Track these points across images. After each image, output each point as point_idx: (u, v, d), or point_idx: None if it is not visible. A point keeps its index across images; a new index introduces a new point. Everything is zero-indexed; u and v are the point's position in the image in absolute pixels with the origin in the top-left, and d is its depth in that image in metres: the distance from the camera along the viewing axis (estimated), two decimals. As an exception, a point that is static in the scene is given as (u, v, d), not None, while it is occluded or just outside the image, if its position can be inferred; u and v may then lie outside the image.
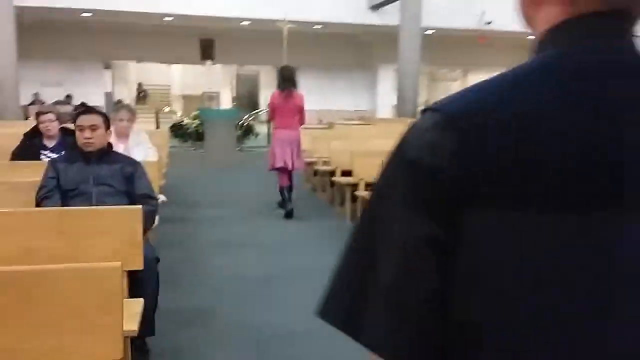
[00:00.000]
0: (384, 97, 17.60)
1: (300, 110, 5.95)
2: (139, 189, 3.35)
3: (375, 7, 13.54)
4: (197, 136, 12.61)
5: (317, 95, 17.67)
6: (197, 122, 12.81)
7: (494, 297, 0.51)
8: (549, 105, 0.52)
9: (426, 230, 0.52)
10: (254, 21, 14.49)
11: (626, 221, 0.50)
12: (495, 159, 0.51)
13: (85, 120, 3.34)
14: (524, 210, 0.50)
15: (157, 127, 12.62)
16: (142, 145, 5.18)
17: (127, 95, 24.20)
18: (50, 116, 4.81)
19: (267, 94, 24.28)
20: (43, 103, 15.88)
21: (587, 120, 0.52)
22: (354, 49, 17.76)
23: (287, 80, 5.85)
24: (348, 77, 17.94)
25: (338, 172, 6.20)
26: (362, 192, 5.47)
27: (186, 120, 13.93)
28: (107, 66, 22.39)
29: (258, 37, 16.42)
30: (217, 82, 23.32)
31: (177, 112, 19.48)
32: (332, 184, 6.54)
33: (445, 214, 0.51)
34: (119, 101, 12.90)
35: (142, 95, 25.22)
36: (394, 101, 19.11)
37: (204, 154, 11.49)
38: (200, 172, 10.21)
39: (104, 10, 13.07)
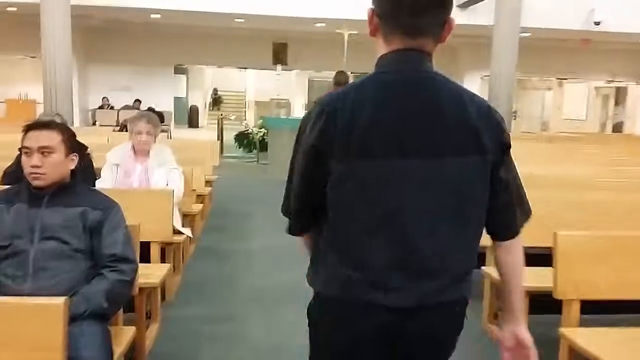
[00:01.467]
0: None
1: None
2: (107, 247, 2.20)
3: (464, 5, 12.01)
4: (263, 146, 11.63)
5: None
6: (263, 130, 11.86)
7: (342, 203, 1.31)
8: (374, 100, 1.29)
9: (312, 167, 1.32)
10: (329, 22, 13.33)
11: (409, 165, 1.28)
12: (338, 129, 1.28)
13: (33, 139, 2.23)
14: (355, 159, 1.27)
15: (219, 138, 11.73)
16: (166, 166, 4.08)
17: (201, 100, 23.87)
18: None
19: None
20: (112, 108, 15.50)
21: (391, 109, 1.29)
22: (437, 54, 16.19)
23: (338, 86, 5.38)
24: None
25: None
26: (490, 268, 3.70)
27: (253, 129, 13.01)
28: (182, 71, 22.20)
29: (333, 40, 15.28)
30: (289, 88, 22.52)
31: (245, 119, 18.67)
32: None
33: (321, 161, 1.29)
34: (150, 109, 12.05)
35: (216, 100, 24.80)
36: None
37: (266, 166, 10.47)
38: (257, 185, 9.17)
39: (171, 11, 12.33)
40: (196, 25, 14.96)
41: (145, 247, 3.38)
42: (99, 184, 3.88)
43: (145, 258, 3.40)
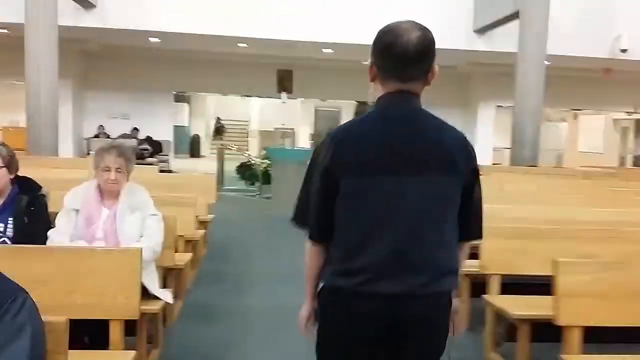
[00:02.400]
0: (484, 138, 15.12)
1: None
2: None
3: (482, 31, 11.29)
4: (266, 178, 10.78)
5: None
6: (267, 162, 11.03)
7: (349, 212, 1.69)
8: (373, 131, 1.71)
9: (325, 185, 1.69)
10: (337, 48, 12.62)
11: (401, 181, 1.67)
12: (342, 154, 1.68)
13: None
14: (355, 176, 1.67)
15: (219, 169, 10.90)
16: (141, 211, 3.21)
17: (204, 129, 23.17)
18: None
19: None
20: (108, 136, 14.72)
21: (388, 138, 1.69)
22: (449, 83, 15.48)
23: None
24: (442, 116, 15.50)
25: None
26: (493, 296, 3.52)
27: (256, 160, 12.19)
28: (185, 99, 21.57)
29: (341, 68, 14.60)
30: (294, 117, 21.80)
31: (247, 149, 17.85)
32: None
33: (333, 180, 1.68)
34: (148, 138, 11.06)
35: (219, 129, 24.09)
36: (495, 143, 16.62)
37: (269, 201, 9.61)
38: (259, 224, 8.28)
39: (170, 34, 11.63)
40: (197, 50, 14.28)
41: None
42: (52, 235, 3.01)
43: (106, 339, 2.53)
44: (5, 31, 11.62)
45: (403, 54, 1.68)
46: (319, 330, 1.82)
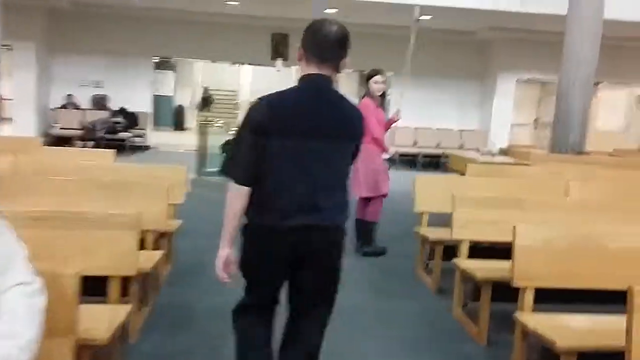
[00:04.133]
0: (502, 114, 13.50)
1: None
2: None
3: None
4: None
5: (412, 108, 13.81)
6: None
7: (272, 163, 2.13)
8: (296, 101, 2.20)
9: (255, 140, 2.12)
10: (343, 6, 10.87)
11: (315, 143, 2.17)
12: (275, 117, 2.13)
13: None
14: (280, 135, 2.12)
15: (201, 148, 9.22)
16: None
17: (190, 99, 21.37)
18: None
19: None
20: (77, 107, 12.99)
21: (304, 107, 2.18)
22: (466, 52, 13.78)
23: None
24: (455, 88, 13.95)
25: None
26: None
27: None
28: (170, 67, 19.73)
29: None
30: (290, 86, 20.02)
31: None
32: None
33: (261, 137, 2.10)
34: (122, 110, 9.32)
35: (206, 100, 22.26)
36: (515, 120, 14.98)
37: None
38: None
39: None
40: (181, 10, 12.47)
41: None
42: None
43: None
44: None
45: (324, 39, 2.19)
46: (243, 257, 2.27)
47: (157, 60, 15.11)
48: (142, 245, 3.51)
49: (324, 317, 2.36)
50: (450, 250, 4.26)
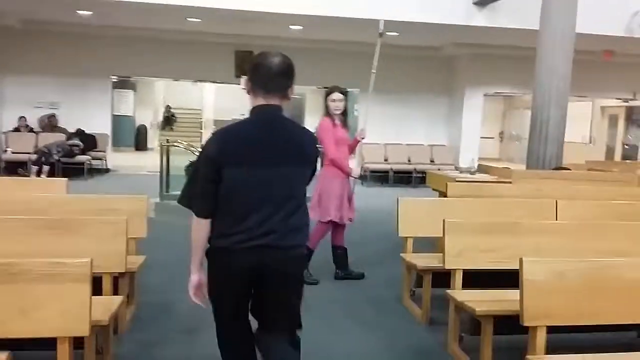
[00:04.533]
0: (471, 129, 13.40)
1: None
2: None
3: (483, 3, 9.45)
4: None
5: (381, 125, 13.58)
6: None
7: (230, 193, 2.29)
8: (248, 132, 2.35)
9: (212, 172, 2.28)
10: (307, 24, 10.60)
11: (269, 171, 2.31)
12: (228, 149, 2.28)
13: None
14: (237, 166, 2.27)
15: (163, 170, 8.72)
16: None
17: (152, 119, 20.76)
18: None
19: (313, 121, 20.32)
20: (31, 130, 12.32)
21: (260, 136, 2.32)
22: (432, 68, 13.67)
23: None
24: (423, 103, 13.79)
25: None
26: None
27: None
28: (130, 86, 19.13)
29: (308, 50, 12.59)
30: (255, 106, 19.61)
31: (201, 142, 15.58)
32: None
33: (219, 168, 2.26)
34: (79, 131, 8.76)
35: (168, 119, 21.68)
36: (483, 133, 14.88)
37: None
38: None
39: (102, 3, 9.36)
40: (139, 27, 12.00)
41: None
42: None
43: None
44: None
45: (268, 71, 2.32)
46: (209, 279, 2.43)
47: (116, 80, 14.55)
48: (99, 290, 3.08)
49: (290, 332, 2.49)
50: (439, 276, 3.97)
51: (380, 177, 12.97)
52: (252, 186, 2.27)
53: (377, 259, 6.10)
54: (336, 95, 5.02)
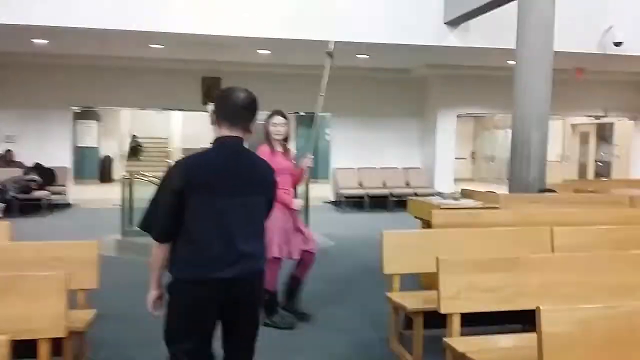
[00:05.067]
0: (445, 151, 13.16)
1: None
2: None
3: (455, 23, 9.24)
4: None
5: (354, 149, 13.27)
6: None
7: (193, 221, 2.32)
8: (212, 162, 2.41)
9: (174, 200, 2.31)
10: (275, 48, 10.26)
11: (230, 200, 2.38)
12: (193, 178, 2.32)
13: None
14: (202, 195, 2.32)
15: (125, 203, 8.15)
16: None
17: (117, 149, 20.09)
18: None
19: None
20: (-15, 165, 11.61)
21: (223, 166, 2.41)
22: (403, 90, 13.47)
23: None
24: (396, 126, 13.53)
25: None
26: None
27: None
28: (93, 116, 18.51)
29: (277, 75, 12.27)
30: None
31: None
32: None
33: (181, 196, 2.30)
34: (37, 166, 8.19)
35: (135, 149, 21.03)
36: (458, 154, 14.65)
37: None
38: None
39: (59, 31, 8.86)
40: (99, 56, 11.51)
41: None
42: None
43: None
44: None
45: (233, 106, 2.45)
46: (170, 312, 2.39)
47: (78, 110, 13.96)
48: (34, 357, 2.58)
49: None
50: (432, 316, 3.55)
51: (356, 203, 12.58)
52: (214, 215, 2.33)
53: (359, 294, 5.65)
54: (277, 119, 4.61)
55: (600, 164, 16.56)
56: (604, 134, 16.67)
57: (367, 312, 5.04)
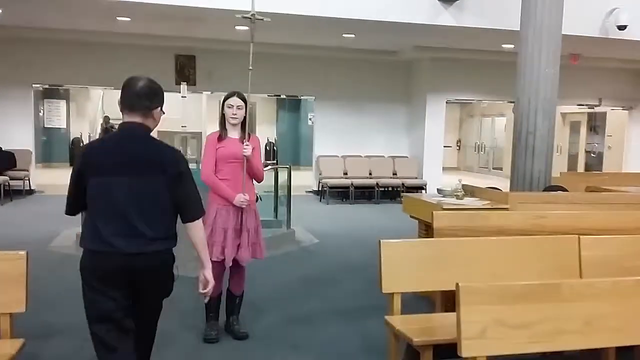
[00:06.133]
0: (434, 137, 12.48)
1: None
2: None
3: (449, 0, 8.49)
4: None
5: (339, 135, 12.54)
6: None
7: (91, 200, 2.53)
8: (105, 143, 2.79)
9: (77, 179, 2.56)
10: (256, 24, 9.35)
11: (126, 180, 2.51)
12: (90, 161, 2.56)
13: None
14: (94, 175, 2.52)
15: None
16: None
17: (88, 131, 19.06)
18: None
19: (265, 131, 19.00)
20: (-64, 146, 10.61)
21: (118, 149, 2.57)
22: (391, 72, 12.74)
23: None
24: (382, 111, 12.81)
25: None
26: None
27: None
28: (61, 95, 17.49)
29: (256, 54, 11.35)
30: (200, 116, 18.20)
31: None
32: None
33: (83, 178, 2.54)
34: None
35: (107, 131, 19.97)
36: (447, 142, 13.98)
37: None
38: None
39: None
40: (63, 29, 10.51)
41: None
42: None
43: None
44: None
45: (132, 93, 2.58)
46: (83, 283, 2.56)
47: (42, 89, 12.97)
48: None
49: (147, 334, 2.74)
50: (441, 347, 2.91)
51: (340, 193, 11.86)
52: (111, 195, 2.50)
53: (348, 306, 4.93)
54: (234, 100, 4.04)
55: (593, 154, 16.05)
56: (596, 124, 16.14)
57: (360, 332, 4.31)
